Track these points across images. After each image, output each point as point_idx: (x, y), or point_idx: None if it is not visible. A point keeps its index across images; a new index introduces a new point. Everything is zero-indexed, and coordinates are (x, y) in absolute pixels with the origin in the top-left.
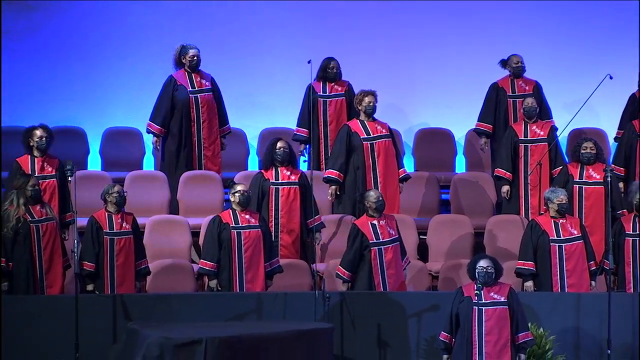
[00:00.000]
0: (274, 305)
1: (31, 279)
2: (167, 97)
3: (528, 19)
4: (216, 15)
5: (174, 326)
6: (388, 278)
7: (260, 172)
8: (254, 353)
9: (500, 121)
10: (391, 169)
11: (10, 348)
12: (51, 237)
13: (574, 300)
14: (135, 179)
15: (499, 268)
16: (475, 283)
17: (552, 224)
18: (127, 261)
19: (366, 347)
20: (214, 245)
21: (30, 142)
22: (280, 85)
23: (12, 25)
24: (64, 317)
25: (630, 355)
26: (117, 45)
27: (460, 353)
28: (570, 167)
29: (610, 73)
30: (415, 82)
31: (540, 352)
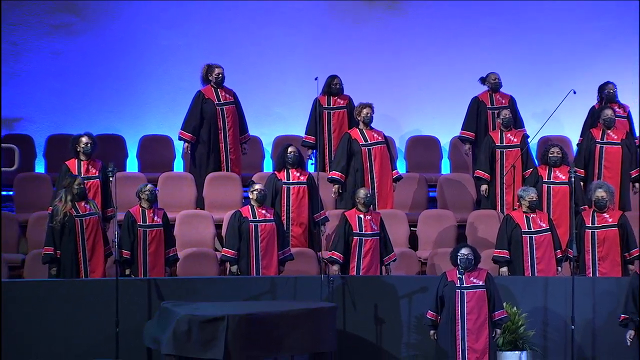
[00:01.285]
0: (286, 288)
1: (75, 265)
2: (197, 109)
3: (504, 41)
4: (238, 39)
5: (199, 305)
6: (363, 265)
7: (274, 173)
8: (269, 328)
9: (481, 130)
10: (386, 171)
11: (60, 325)
12: (93, 229)
13: (543, 283)
14: (167, 179)
15: (477, 256)
16: (458, 269)
17: (524, 218)
18: (158, 250)
19: (364, 323)
20: (234, 236)
21: (77, 147)
22: (291, 99)
23: (62, 47)
24: (106, 297)
25: (590, 329)
26: (152, 64)
27: (445, 329)
28: (539, 169)
29: (574, 88)
30: (407, 95)
31: (514, 327)
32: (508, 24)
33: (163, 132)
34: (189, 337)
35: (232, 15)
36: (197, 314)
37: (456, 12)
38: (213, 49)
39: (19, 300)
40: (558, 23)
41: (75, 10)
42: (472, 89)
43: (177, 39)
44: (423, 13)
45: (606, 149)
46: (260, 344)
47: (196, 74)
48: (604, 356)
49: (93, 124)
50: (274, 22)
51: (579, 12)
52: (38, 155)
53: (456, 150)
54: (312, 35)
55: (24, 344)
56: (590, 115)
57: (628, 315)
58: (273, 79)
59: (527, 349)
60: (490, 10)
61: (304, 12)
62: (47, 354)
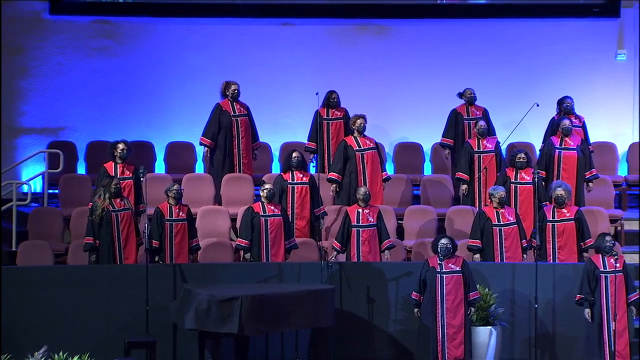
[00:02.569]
0: (291, 272)
1: (111, 253)
2: (215, 119)
3: (477, 61)
4: (251, 60)
5: (217, 287)
6: (362, 253)
7: (280, 175)
8: (276, 307)
9: (458, 137)
10: (376, 172)
11: (99, 304)
12: (127, 223)
13: (510, 269)
14: (189, 179)
15: (455, 245)
16: (438, 256)
17: (494, 212)
18: (182, 240)
19: (358, 303)
20: (247, 228)
21: (115, 152)
22: (295, 111)
23: (101, 66)
24: (137, 280)
25: (551, 307)
26: (177, 81)
27: (427, 308)
28: (508, 171)
29: (537, 102)
30: (394, 108)
31: (486, 306)
32: (481, 46)
33: (186, 139)
34: (209, 314)
35: (246, 39)
36: (215, 295)
37: (436, 36)
38: (230, 68)
39: (63, 282)
40: (523, 46)
41: (112, 35)
42: (450, 102)
43: (199, 60)
44: (407, 37)
45: (564, 153)
46: (269, 320)
47: (215, 90)
48: (562, 330)
49: (127, 132)
50: (281, 45)
51: (541, 37)
52: (80, 159)
53: (437, 154)
54: (313, 57)
55: (68, 321)
56: (550, 125)
57: (583, 295)
58: (280, 94)
59: (497, 325)
60: (465, 34)
61: (306, 37)
62: (88, 328)
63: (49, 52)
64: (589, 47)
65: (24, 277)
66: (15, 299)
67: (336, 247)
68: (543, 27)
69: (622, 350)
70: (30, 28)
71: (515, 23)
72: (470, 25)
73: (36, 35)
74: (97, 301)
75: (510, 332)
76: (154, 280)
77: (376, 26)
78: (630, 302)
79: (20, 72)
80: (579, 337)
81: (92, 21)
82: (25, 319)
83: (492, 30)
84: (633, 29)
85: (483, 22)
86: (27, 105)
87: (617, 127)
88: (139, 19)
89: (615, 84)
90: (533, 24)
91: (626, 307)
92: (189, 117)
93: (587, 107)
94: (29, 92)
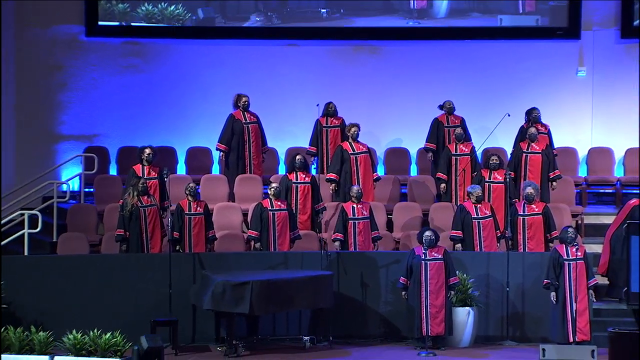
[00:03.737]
0: (295, 260)
1: (139, 243)
2: (229, 127)
3: (456, 77)
4: (260, 75)
5: (231, 273)
6: (358, 242)
7: (285, 175)
8: (282, 290)
9: (439, 142)
10: (368, 173)
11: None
12: (153, 217)
13: (486, 257)
14: (207, 179)
15: (437, 236)
16: (422, 246)
17: (473, 207)
18: (200, 232)
19: (353, 287)
20: (257, 221)
21: (142, 156)
22: (299, 120)
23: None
24: (162, 267)
25: (520, 290)
26: (196, 94)
27: (413, 291)
28: (483, 172)
29: (508, 112)
30: (385, 117)
31: (464, 289)
32: (459, 64)
33: (204, 145)
34: (224, 296)
35: (256, 58)
36: (229, 280)
37: (420, 55)
38: (241, 82)
39: (97, 269)
40: (496, 63)
41: (139, 55)
42: (432, 112)
43: (214, 76)
44: (396, 56)
45: (530, 157)
46: (276, 301)
47: (229, 101)
48: (530, 310)
49: (152, 138)
50: (287, 63)
51: (512, 56)
52: (111, 162)
53: (421, 158)
54: (315, 73)
55: (101, 303)
56: (519, 132)
57: (549, 280)
58: (285, 105)
59: (474, 305)
60: (446, 54)
61: (308, 56)
62: (119, 309)
63: (85, 69)
64: (554, 64)
65: (63, 265)
66: (55, 283)
67: (338, 237)
68: (514, 48)
69: (583, 328)
70: (69, 48)
71: (490, 44)
72: (450, 46)
73: (73, 55)
74: (126, 285)
75: (485, 312)
76: (175, 267)
77: (369, 47)
78: (589, 286)
79: (59, 86)
80: (545, 316)
81: (122, 42)
82: (64, 300)
83: (469, 50)
84: (591, 49)
85: (461, 43)
86: (65, 116)
87: (578, 134)
88: (163, 40)
89: (576, 97)
90: (505, 45)
91: (586, 290)
92: (207, 125)
93: (552, 117)
94: (67, 104)
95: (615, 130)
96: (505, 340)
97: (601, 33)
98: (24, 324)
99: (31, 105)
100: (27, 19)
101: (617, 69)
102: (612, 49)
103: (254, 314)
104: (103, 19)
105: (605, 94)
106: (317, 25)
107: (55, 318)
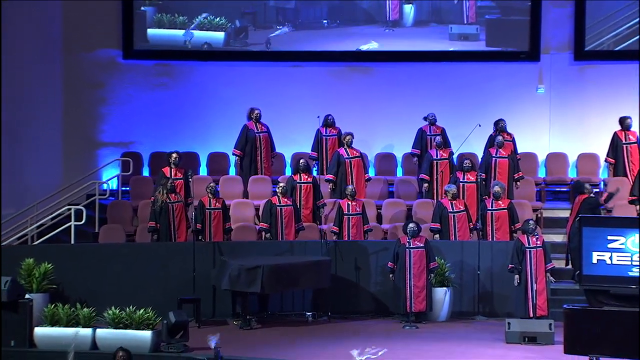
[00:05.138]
0: (299, 248)
1: (168, 234)
2: (243, 136)
3: (437, 93)
4: (270, 92)
5: (245, 258)
6: (351, 234)
7: (291, 176)
8: (289, 273)
9: (423, 149)
10: (361, 175)
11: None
12: (179, 211)
13: (460, 245)
14: (225, 180)
15: (419, 228)
16: (407, 236)
17: (449, 203)
18: (218, 224)
19: (348, 270)
20: (268, 215)
21: (170, 160)
22: (302, 129)
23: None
24: (186, 254)
25: (489, 273)
26: (215, 107)
27: (399, 273)
28: (458, 174)
29: (479, 123)
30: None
31: (442, 272)
32: (440, 82)
33: (222, 150)
34: (239, 278)
35: (266, 77)
36: (243, 264)
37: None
38: (254, 98)
39: (132, 255)
40: (470, 82)
41: (168, 74)
42: (417, 123)
43: (231, 92)
44: (385, 75)
45: (498, 161)
46: (284, 282)
47: (243, 114)
48: (498, 290)
49: (179, 145)
50: (292, 81)
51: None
52: (144, 165)
53: (407, 162)
54: (316, 89)
55: (135, 284)
56: (489, 140)
57: (513, 264)
58: (291, 117)
59: (450, 286)
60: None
61: (311, 75)
62: (150, 289)
63: (122, 87)
64: (518, 82)
65: (103, 252)
66: (97, 267)
67: (334, 231)
68: (485, 68)
69: (542, 305)
70: (108, 69)
71: (465, 65)
72: (432, 67)
73: (112, 74)
74: (157, 269)
75: (459, 292)
76: (198, 254)
77: (363, 67)
78: (547, 270)
79: (100, 101)
80: (510, 295)
81: (153, 64)
82: (104, 282)
83: (448, 70)
84: (549, 70)
85: (441, 64)
86: (105, 125)
87: (538, 141)
88: (188, 63)
89: (536, 110)
90: (478, 66)
91: (544, 273)
92: (224, 134)
93: (516, 127)
94: (107, 116)
95: (569, 138)
96: (477, 315)
97: (557, 56)
98: (70, 301)
99: (76, 117)
100: (74, 44)
101: (570, 86)
102: (566, 69)
103: (265, 293)
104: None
105: (560, 107)
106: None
107: (97, 296)
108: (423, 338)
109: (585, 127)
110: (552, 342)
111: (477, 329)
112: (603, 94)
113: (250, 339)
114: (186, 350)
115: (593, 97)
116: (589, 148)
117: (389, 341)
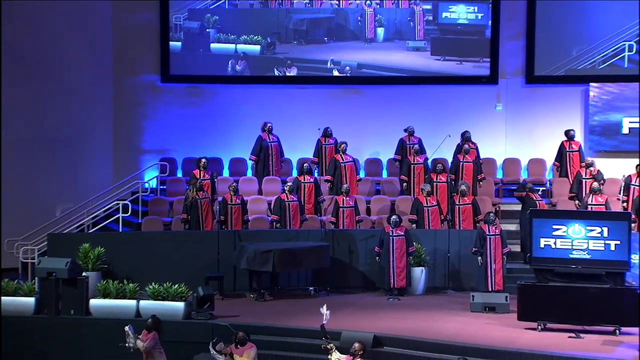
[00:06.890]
0: (303, 235)
1: (197, 224)
2: (258, 144)
3: (416, 110)
4: (280, 109)
5: (260, 244)
6: (345, 223)
7: (297, 177)
8: (295, 255)
9: (403, 155)
10: (353, 176)
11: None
12: (206, 206)
13: (434, 233)
14: (243, 180)
15: (400, 219)
16: (390, 226)
17: (424, 199)
18: (238, 216)
19: (343, 253)
20: (278, 209)
21: (199, 164)
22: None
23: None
24: (212, 240)
25: (457, 255)
26: (236, 121)
27: (384, 256)
28: (431, 175)
29: (449, 134)
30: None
31: (419, 255)
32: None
33: (242, 156)
34: (254, 260)
35: (277, 97)
36: (258, 248)
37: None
38: (267, 114)
39: (169, 241)
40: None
41: (197, 95)
42: (399, 134)
43: (248, 109)
44: (374, 95)
45: (465, 165)
46: (291, 263)
47: (258, 126)
48: (464, 269)
49: (206, 151)
50: (298, 100)
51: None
52: (178, 168)
53: (390, 165)
54: (318, 107)
55: (171, 263)
56: (457, 148)
57: (476, 248)
58: (297, 129)
59: (426, 266)
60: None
61: (314, 95)
62: (183, 268)
63: (159, 105)
64: (480, 101)
65: (145, 238)
66: (140, 251)
67: (332, 221)
68: (454, 90)
69: (499, 281)
70: (149, 91)
71: (438, 87)
72: (412, 89)
73: (152, 95)
74: (188, 252)
75: (433, 270)
76: (222, 240)
77: (355, 89)
78: (503, 253)
79: (143, 117)
80: (474, 273)
81: (185, 86)
82: (146, 262)
83: (424, 91)
84: (506, 91)
85: (419, 87)
86: (146, 136)
87: (496, 148)
88: (214, 85)
89: (495, 123)
90: (448, 88)
91: (501, 255)
92: (243, 143)
93: (479, 137)
94: (147, 129)
95: (521, 146)
96: (447, 290)
97: (512, 80)
98: (119, 278)
99: (124, 129)
100: (121, 71)
101: (522, 104)
102: (519, 91)
103: (275, 272)
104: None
105: (514, 121)
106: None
107: (140, 274)
108: (404, 308)
109: (534, 137)
110: (507, 311)
111: (447, 301)
112: (549, 110)
113: (264, 309)
114: (212, 317)
115: (541, 113)
116: (538, 154)
117: (377, 310)
